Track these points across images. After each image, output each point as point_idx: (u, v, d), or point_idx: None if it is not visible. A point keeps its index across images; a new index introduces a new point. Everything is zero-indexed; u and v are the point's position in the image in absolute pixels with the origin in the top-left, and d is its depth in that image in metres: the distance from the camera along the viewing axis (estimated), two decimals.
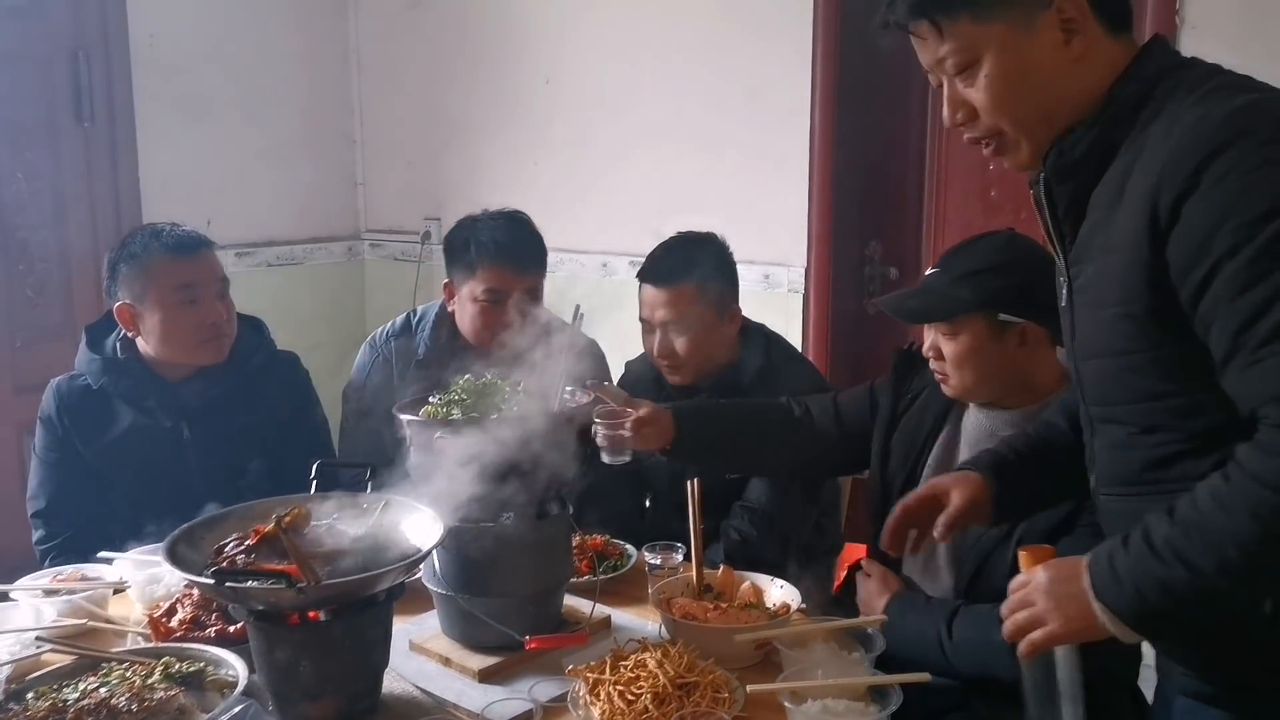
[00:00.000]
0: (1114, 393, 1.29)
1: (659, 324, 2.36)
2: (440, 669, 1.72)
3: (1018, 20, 1.25)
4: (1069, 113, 1.28)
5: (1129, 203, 1.20)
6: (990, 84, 1.28)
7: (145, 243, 2.28)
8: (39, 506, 2.33)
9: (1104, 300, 1.24)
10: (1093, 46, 1.26)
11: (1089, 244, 1.28)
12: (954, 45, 1.29)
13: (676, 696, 1.51)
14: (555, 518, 1.76)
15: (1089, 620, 1.21)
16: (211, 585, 1.39)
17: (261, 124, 4.20)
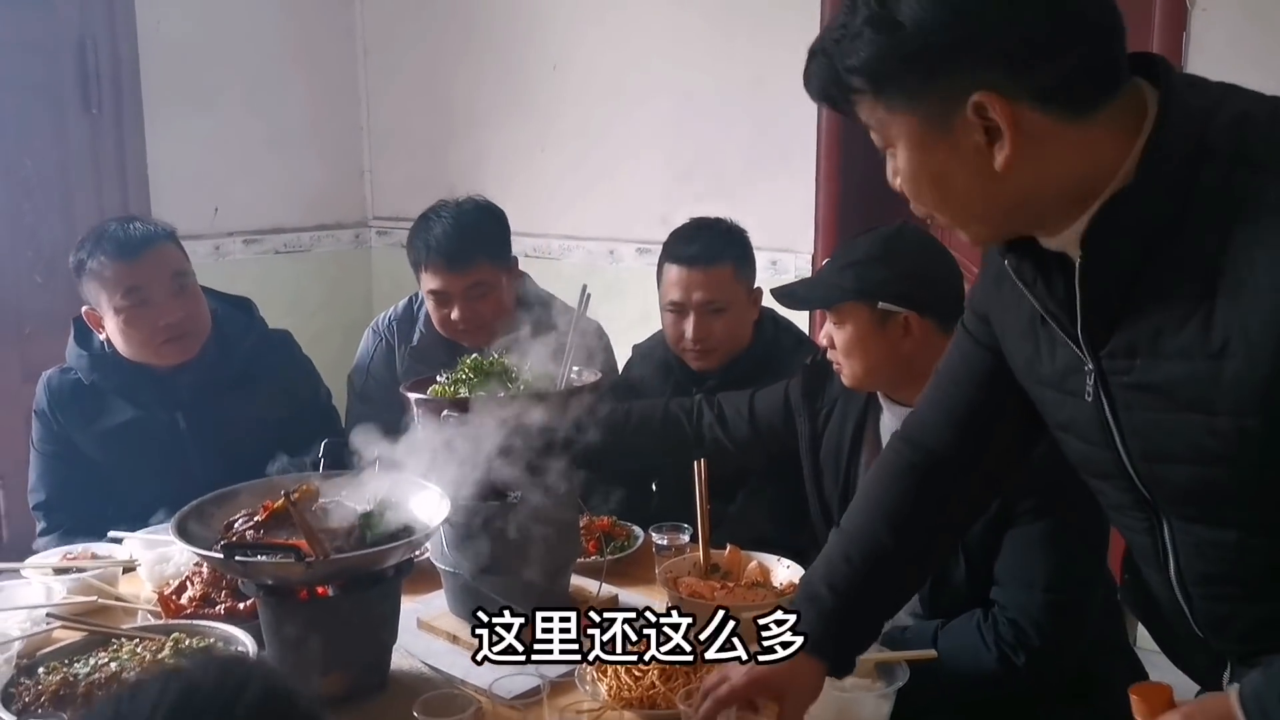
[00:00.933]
0: (1206, 500, 1.12)
1: (695, 306, 2.31)
2: (448, 646, 1.73)
3: (928, 119, 1.05)
4: (1033, 206, 1.08)
5: (1247, 300, 0.98)
6: (905, 177, 1.11)
7: (91, 249, 2.20)
8: (39, 499, 2.32)
9: (1213, 408, 1.03)
10: (1039, 143, 1.02)
11: (1156, 340, 1.06)
12: (870, 123, 1.11)
13: (683, 672, 1.52)
14: (563, 497, 1.77)
15: None
16: (221, 559, 1.40)
17: (268, 112, 4.21)
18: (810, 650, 1.36)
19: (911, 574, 1.48)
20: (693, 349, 2.34)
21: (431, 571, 1.84)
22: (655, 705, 1.48)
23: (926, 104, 1.05)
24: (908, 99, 1.06)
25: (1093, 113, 1.03)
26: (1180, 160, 1.01)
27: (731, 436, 2.17)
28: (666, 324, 2.39)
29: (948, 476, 1.42)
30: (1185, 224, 1.02)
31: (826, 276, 1.89)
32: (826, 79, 1.10)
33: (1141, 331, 1.07)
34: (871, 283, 1.81)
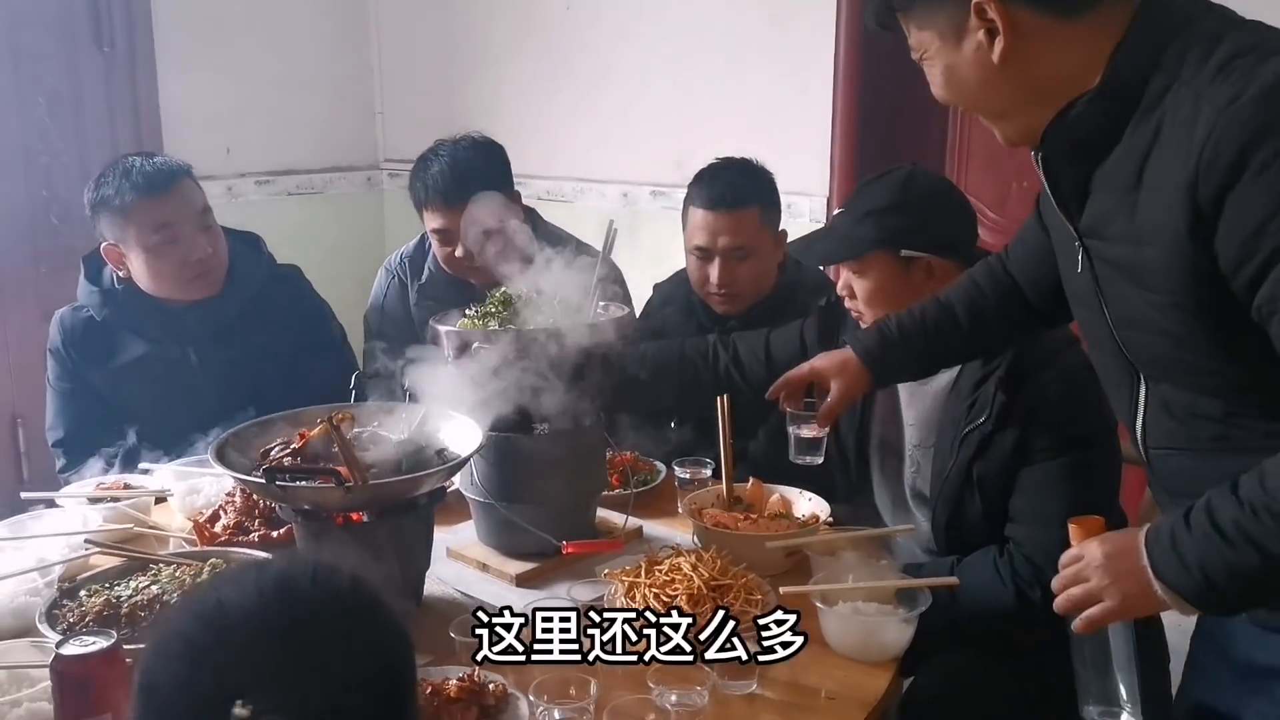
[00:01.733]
0: (1166, 364, 1.27)
1: (721, 251, 2.29)
2: (479, 574, 1.77)
3: (946, 28, 1.25)
4: (1041, 101, 1.24)
5: (1157, 192, 1.16)
6: (933, 80, 1.31)
7: (117, 184, 2.20)
8: (58, 436, 2.35)
9: (1145, 284, 1.21)
10: (1032, 39, 1.20)
11: (1106, 224, 1.25)
12: (912, 42, 1.32)
13: (711, 598, 1.55)
14: (589, 429, 1.80)
15: (1148, 598, 1.20)
16: (262, 484, 1.43)
17: (280, 51, 4.18)
18: (863, 357, 1.74)
19: (964, 349, 1.75)
20: (718, 294, 2.33)
21: (460, 502, 1.88)
22: None
23: (945, 14, 1.24)
24: (930, 11, 1.26)
25: (1079, 14, 1.19)
26: (1136, 72, 1.18)
27: (747, 377, 2.18)
28: (691, 267, 2.38)
29: (1017, 301, 1.66)
30: (1130, 126, 1.19)
31: (845, 228, 1.88)
32: (879, 5, 1.33)
33: (1096, 216, 1.26)
34: (893, 231, 1.81)
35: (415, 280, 2.62)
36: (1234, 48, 1.13)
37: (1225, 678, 1.38)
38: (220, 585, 0.87)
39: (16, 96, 3.56)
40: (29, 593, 1.61)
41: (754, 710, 1.42)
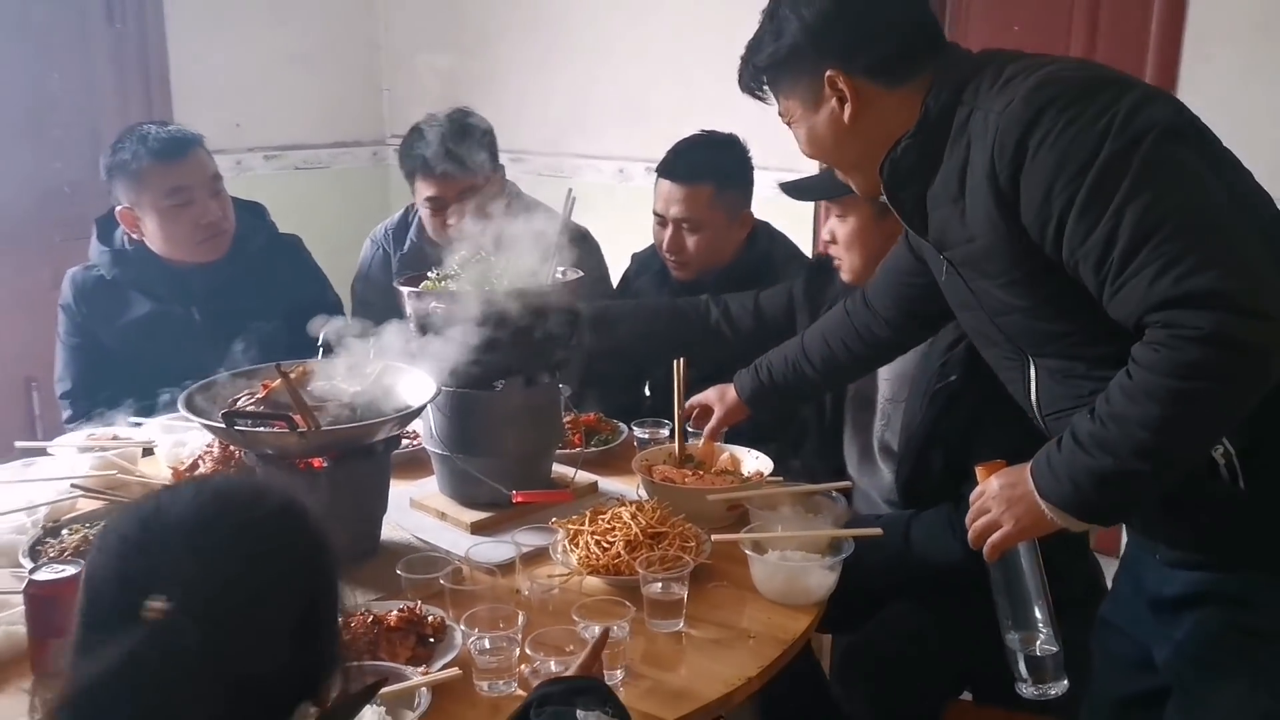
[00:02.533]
0: (1034, 337, 1.44)
1: (672, 220, 2.41)
2: (437, 523, 1.87)
3: (805, 96, 1.48)
4: (879, 155, 1.47)
5: (973, 193, 1.36)
6: (800, 140, 1.53)
7: (134, 149, 2.32)
8: (65, 388, 2.47)
9: (988, 272, 1.41)
10: (872, 105, 1.44)
11: (946, 234, 1.45)
12: (780, 108, 1.54)
13: (647, 544, 1.65)
14: (544, 386, 1.89)
15: (1038, 517, 1.35)
16: (223, 429, 1.54)
17: (288, 28, 4.28)
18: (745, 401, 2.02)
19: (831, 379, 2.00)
20: (670, 259, 2.46)
21: (426, 459, 1.98)
22: (619, 571, 1.61)
23: (803, 86, 1.48)
24: (790, 84, 1.49)
25: (905, 82, 1.44)
26: (938, 114, 1.41)
27: (736, 330, 2.28)
28: (654, 230, 2.50)
29: (879, 324, 1.86)
30: (946, 152, 1.41)
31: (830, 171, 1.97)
32: (749, 78, 1.55)
33: (938, 229, 1.47)
34: None
35: (398, 250, 2.72)
36: (1010, 73, 1.36)
37: (1140, 608, 1.51)
38: (162, 492, 0.95)
39: (30, 71, 3.68)
40: (15, 530, 1.73)
41: (680, 647, 1.51)
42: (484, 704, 1.36)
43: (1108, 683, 1.61)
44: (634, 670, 1.43)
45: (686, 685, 1.41)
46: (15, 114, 3.67)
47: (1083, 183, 1.24)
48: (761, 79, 1.53)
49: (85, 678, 0.83)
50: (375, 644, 1.38)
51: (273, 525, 0.95)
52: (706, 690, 1.40)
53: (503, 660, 1.37)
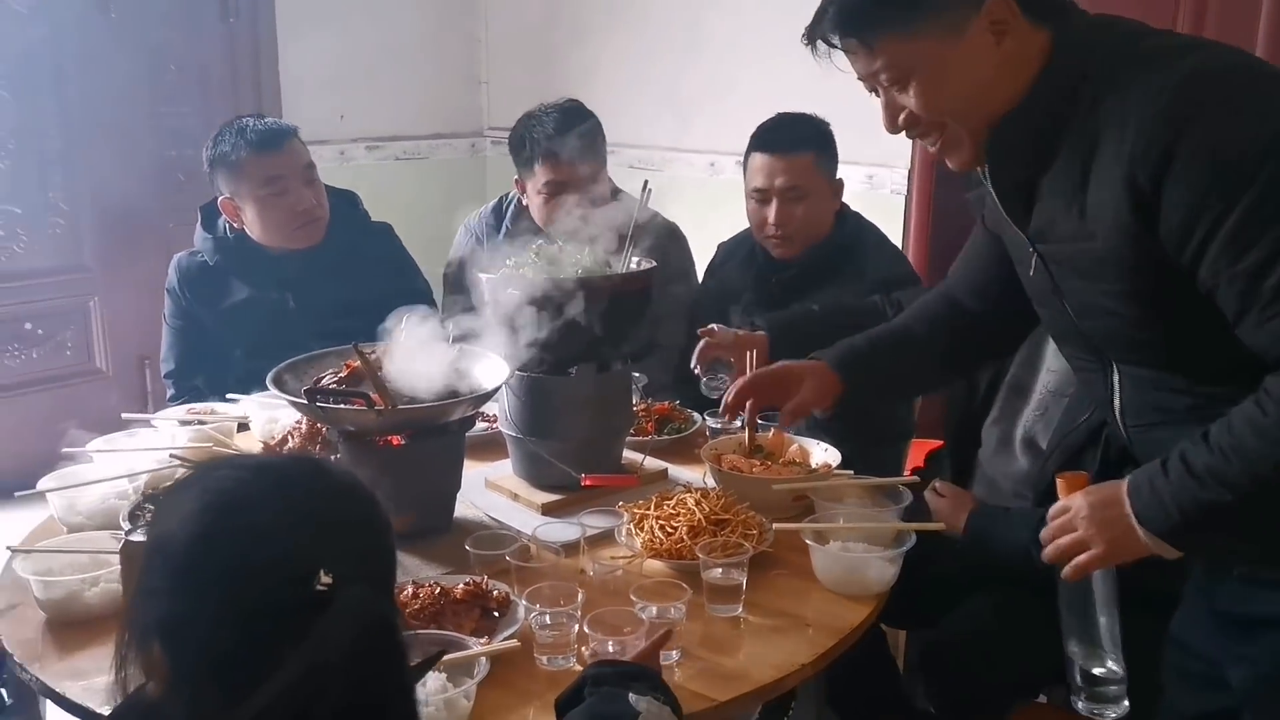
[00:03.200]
0: (1129, 345, 1.35)
1: (778, 192, 2.40)
2: (509, 503, 1.92)
3: (946, 31, 1.27)
4: (1005, 105, 1.31)
5: (1101, 191, 1.24)
6: (924, 91, 1.31)
7: (233, 141, 2.44)
8: (169, 368, 2.61)
9: (1098, 276, 1.30)
10: (1022, 41, 1.28)
11: (1053, 227, 1.32)
12: (885, 61, 1.32)
13: (709, 530, 1.68)
14: (617, 373, 1.93)
15: (1133, 543, 1.29)
16: (305, 404, 1.61)
17: (392, 22, 4.42)
18: (834, 365, 1.80)
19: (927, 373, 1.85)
20: (774, 235, 2.44)
21: (503, 442, 2.04)
22: (681, 556, 1.64)
23: (950, 15, 1.27)
24: (935, 13, 1.27)
25: (1048, 21, 1.29)
26: (1059, 91, 1.27)
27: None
28: (750, 211, 2.50)
29: (969, 320, 1.75)
30: (1066, 136, 1.27)
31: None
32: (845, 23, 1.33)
33: (1044, 220, 1.34)
34: None
35: (492, 239, 2.79)
36: (1150, 50, 1.23)
37: (1211, 627, 1.45)
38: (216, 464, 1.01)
39: (149, 63, 3.87)
40: (118, 496, 1.84)
41: (737, 632, 1.54)
42: (541, 676, 1.41)
43: (1178, 701, 1.54)
44: (690, 652, 1.46)
45: (741, 668, 1.44)
46: (136, 105, 3.86)
47: (1239, 200, 1.14)
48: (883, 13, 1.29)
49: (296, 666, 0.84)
50: (441, 615, 1.44)
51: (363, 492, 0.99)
52: (760, 674, 1.42)
53: (561, 636, 1.42)
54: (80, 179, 3.81)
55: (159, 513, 0.97)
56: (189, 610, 0.88)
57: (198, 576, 0.89)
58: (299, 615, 0.86)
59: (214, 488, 0.93)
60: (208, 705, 0.87)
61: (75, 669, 1.44)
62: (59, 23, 3.65)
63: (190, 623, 0.88)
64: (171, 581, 0.90)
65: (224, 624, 0.87)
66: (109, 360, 4.02)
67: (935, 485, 1.97)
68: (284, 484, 0.94)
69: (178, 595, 0.89)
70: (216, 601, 0.87)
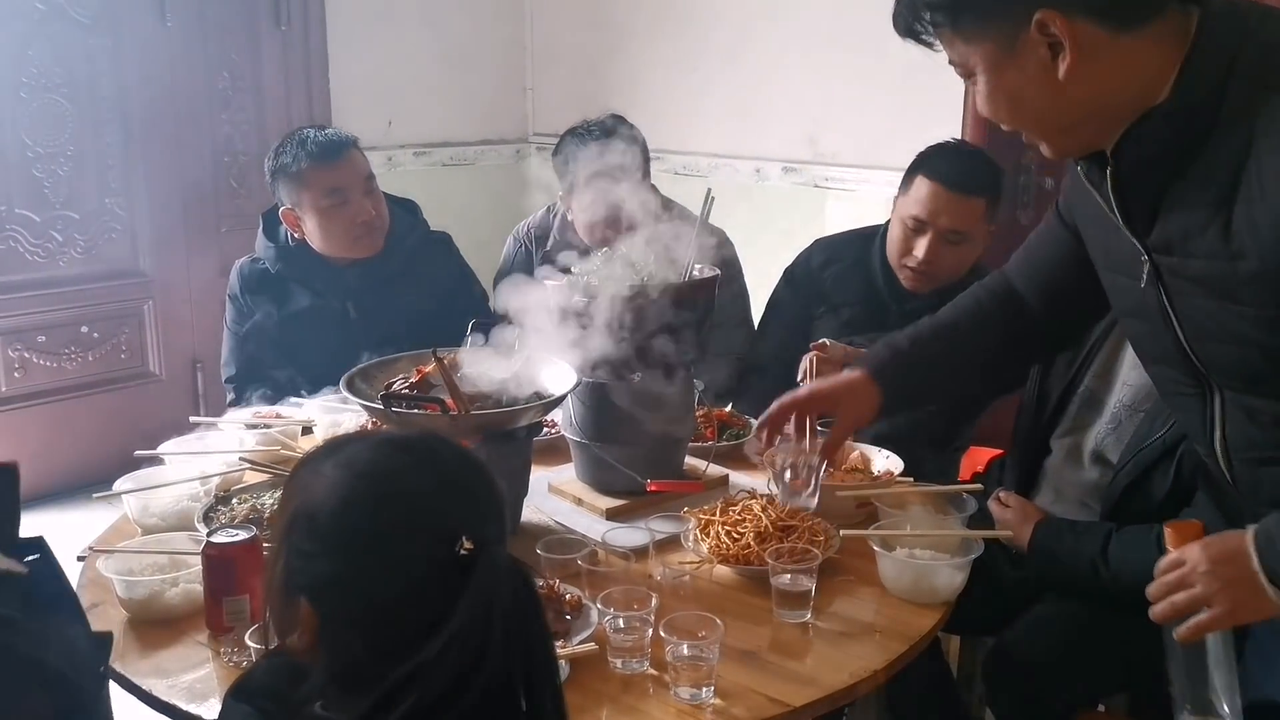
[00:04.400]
0: (1243, 375, 1.26)
1: (939, 229, 2.27)
2: (573, 507, 1.94)
3: (998, 42, 1.19)
4: (1101, 116, 1.21)
5: (1260, 204, 1.12)
6: (985, 97, 1.26)
7: (294, 153, 2.46)
8: (230, 373, 2.63)
9: (1238, 299, 1.19)
10: (1096, 55, 1.16)
11: (1186, 240, 1.21)
12: (952, 56, 1.27)
13: (777, 536, 1.69)
14: (680, 379, 1.95)
15: (1262, 603, 1.20)
16: (380, 409, 1.64)
17: (440, 30, 4.46)
18: (873, 374, 1.65)
19: (972, 374, 1.73)
20: (915, 269, 2.31)
21: (565, 447, 2.06)
22: (749, 562, 1.66)
23: (996, 28, 1.19)
24: (980, 25, 1.20)
25: (1141, 27, 1.16)
26: (1210, 83, 1.14)
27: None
28: (896, 234, 2.35)
29: (1025, 317, 1.65)
30: (1211, 139, 1.16)
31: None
32: (910, 16, 1.26)
33: (1173, 232, 1.23)
34: None
35: (540, 248, 2.82)
36: None
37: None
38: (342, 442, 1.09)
39: (205, 70, 3.93)
40: (190, 498, 1.88)
41: (805, 637, 1.55)
42: (616, 679, 1.42)
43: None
44: (760, 657, 1.48)
45: (812, 674, 1.45)
46: (191, 113, 3.92)
47: None
48: (928, 15, 1.23)
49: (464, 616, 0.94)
50: None
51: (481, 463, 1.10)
52: (832, 679, 1.43)
53: (636, 639, 1.43)
54: (136, 185, 3.88)
55: (295, 485, 1.05)
56: (343, 570, 0.97)
57: (351, 538, 0.98)
58: (447, 572, 0.95)
59: (356, 459, 1.01)
60: (360, 655, 0.97)
61: (159, 667, 1.48)
62: (118, 32, 3.72)
63: (344, 581, 0.97)
64: (323, 544, 0.98)
65: (377, 581, 0.97)
66: (162, 364, 4.08)
67: (999, 495, 1.97)
68: (423, 455, 1.03)
69: (326, 558, 0.97)
70: (372, 561, 0.97)
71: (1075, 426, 2.02)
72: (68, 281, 3.81)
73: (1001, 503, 1.95)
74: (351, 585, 0.97)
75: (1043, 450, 2.06)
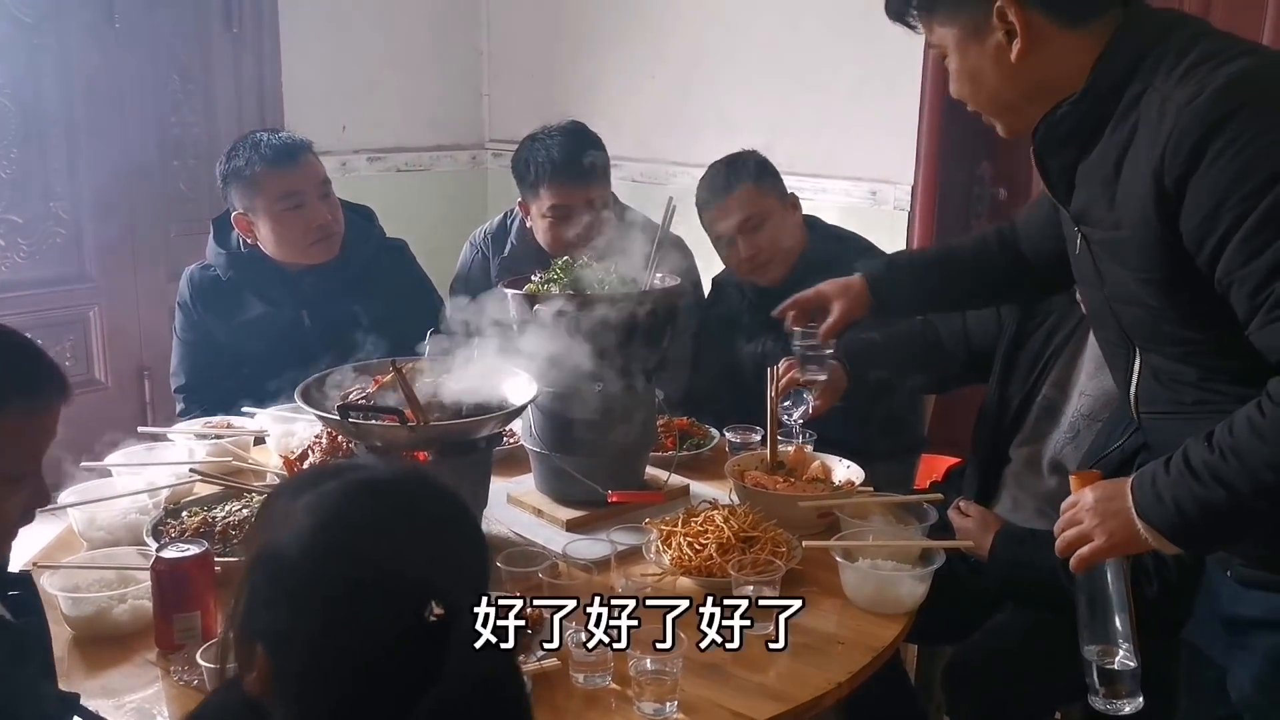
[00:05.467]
0: (1150, 335, 1.40)
1: (737, 229, 2.46)
2: (533, 519, 1.92)
3: (968, 28, 1.37)
4: (1042, 99, 1.37)
5: (1132, 181, 1.29)
6: (953, 76, 1.43)
7: (248, 156, 2.41)
8: (180, 382, 2.58)
9: (1125, 263, 1.35)
10: (1043, 43, 1.33)
11: (1090, 211, 1.38)
12: (930, 38, 1.44)
13: (739, 547, 1.68)
14: (640, 389, 1.93)
15: (1132, 535, 1.32)
16: (337, 420, 1.61)
17: (394, 34, 4.41)
18: (869, 280, 1.91)
19: (965, 294, 1.97)
20: (752, 265, 2.49)
21: (524, 457, 2.04)
22: (711, 573, 1.64)
23: (965, 14, 1.37)
24: (952, 12, 1.39)
25: (1084, 23, 1.33)
26: (1115, 77, 1.31)
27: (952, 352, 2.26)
28: (725, 259, 2.57)
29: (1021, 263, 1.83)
30: (1109, 125, 1.32)
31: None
32: (900, 4, 1.44)
33: (1081, 204, 1.40)
34: None
35: (498, 254, 2.79)
36: (1199, 55, 1.26)
37: (1217, 629, 1.48)
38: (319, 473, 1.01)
39: (153, 72, 3.85)
40: (139, 511, 1.83)
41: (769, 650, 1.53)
42: (579, 695, 1.41)
43: (1192, 706, 1.58)
44: (724, 670, 1.46)
45: (776, 687, 1.44)
46: (140, 116, 3.84)
47: (1258, 203, 1.17)
48: (913, 3, 1.42)
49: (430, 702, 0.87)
50: None
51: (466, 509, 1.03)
52: (797, 693, 1.43)
53: (599, 654, 1.41)
54: (82, 189, 3.78)
55: (265, 519, 0.97)
56: (301, 625, 0.89)
57: (311, 594, 0.89)
58: (416, 640, 0.87)
59: (325, 504, 0.92)
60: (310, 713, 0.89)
61: (107, 687, 1.44)
62: (64, 33, 3.63)
63: (301, 637, 0.89)
64: (284, 594, 0.90)
65: (336, 643, 0.88)
66: (109, 372, 3.99)
67: (959, 504, 1.98)
68: (399, 504, 0.94)
69: (287, 607, 0.90)
70: (332, 622, 0.88)
71: (1034, 435, 2.04)
72: (10, 287, 3.70)
73: (962, 512, 1.95)
74: (308, 642, 0.89)
75: (1002, 459, 2.07)
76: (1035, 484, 2.02)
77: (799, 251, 2.51)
